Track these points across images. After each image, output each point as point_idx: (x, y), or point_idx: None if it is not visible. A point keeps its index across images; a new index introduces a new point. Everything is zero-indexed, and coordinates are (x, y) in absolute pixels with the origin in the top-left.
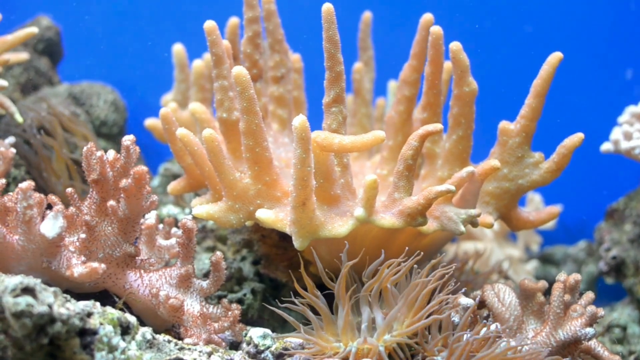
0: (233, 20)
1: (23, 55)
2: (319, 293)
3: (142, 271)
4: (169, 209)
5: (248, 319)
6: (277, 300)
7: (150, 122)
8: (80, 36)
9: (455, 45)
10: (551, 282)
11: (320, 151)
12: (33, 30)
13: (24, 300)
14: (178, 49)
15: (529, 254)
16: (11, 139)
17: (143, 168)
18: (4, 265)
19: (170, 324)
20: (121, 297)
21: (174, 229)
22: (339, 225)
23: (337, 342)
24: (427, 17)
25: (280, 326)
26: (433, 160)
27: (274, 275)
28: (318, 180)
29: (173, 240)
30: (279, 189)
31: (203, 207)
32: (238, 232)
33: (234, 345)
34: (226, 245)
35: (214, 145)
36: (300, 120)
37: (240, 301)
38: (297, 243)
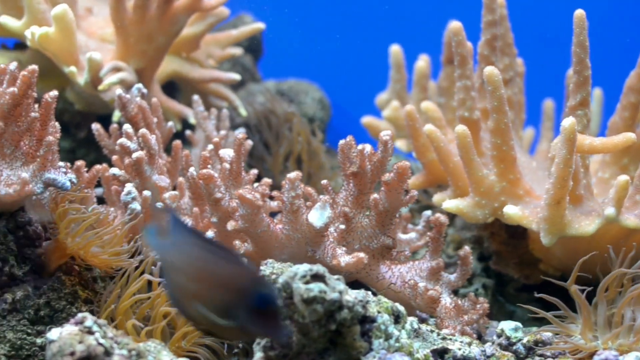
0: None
1: (238, 51)
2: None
3: (390, 263)
4: None
5: None
6: (504, 296)
7: (367, 119)
8: (279, 34)
9: None
10: None
11: None
12: (260, 26)
13: (317, 287)
14: (395, 49)
15: None
16: (241, 130)
17: (405, 163)
18: (266, 254)
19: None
20: (371, 287)
21: (409, 224)
22: (585, 224)
23: (594, 341)
24: None
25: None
26: None
27: (505, 271)
28: None
29: (412, 235)
30: (522, 186)
31: (453, 202)
32: (467, 229)
33: (478, 338)
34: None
35: (466, 142)
36: (570, 121)
37: None
38: (545, 240)
